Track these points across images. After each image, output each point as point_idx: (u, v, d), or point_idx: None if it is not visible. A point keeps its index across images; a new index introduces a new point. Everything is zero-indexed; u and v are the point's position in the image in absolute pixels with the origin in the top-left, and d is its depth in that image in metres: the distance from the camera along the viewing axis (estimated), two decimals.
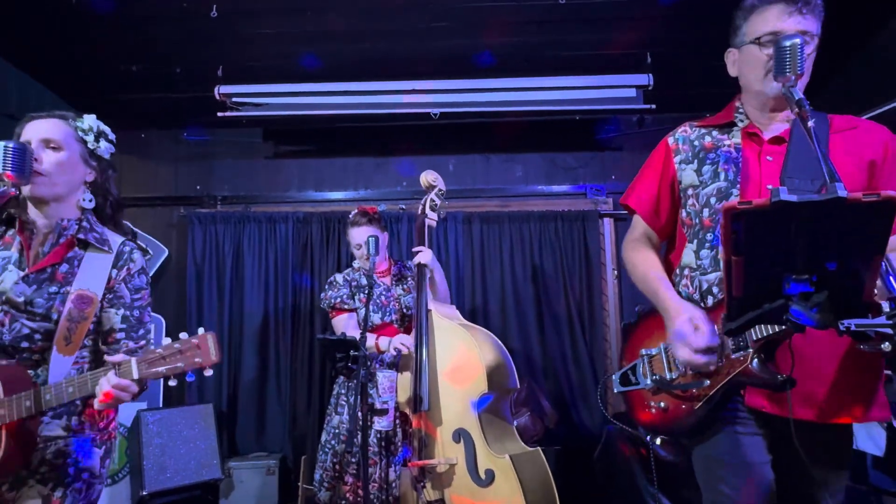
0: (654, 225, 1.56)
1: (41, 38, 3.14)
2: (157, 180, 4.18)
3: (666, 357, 1.37)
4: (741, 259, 0.84)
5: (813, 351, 1.24)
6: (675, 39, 3.28)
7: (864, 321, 0.81)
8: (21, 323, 1.37)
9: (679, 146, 1.51)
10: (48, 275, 1.40)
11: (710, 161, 1.43)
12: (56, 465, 1.35)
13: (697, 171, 1.45)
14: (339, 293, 2.71)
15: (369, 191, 4.20)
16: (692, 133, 1.51)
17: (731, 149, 1.42)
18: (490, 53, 3.41)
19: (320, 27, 3.12)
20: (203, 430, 3.57)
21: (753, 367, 1.21)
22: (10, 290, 1.38)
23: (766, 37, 1.34)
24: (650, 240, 1.58)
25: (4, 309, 1.37)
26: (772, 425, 1.28)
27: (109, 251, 1.46)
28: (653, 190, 1.54)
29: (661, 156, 1.54)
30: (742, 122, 1.45)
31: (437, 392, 2.37)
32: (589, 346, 3.88)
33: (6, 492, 1.32)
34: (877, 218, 0.74)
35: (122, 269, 1.45)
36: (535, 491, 2.20)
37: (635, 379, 1.43)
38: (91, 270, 1.41)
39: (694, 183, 1.45)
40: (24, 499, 1.32)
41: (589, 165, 4.19)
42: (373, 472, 2.49)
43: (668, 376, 1.33)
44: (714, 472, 1.33)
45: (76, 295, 1.36)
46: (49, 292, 1.39)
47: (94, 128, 1.51)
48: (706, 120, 1.53)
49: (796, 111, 1.12)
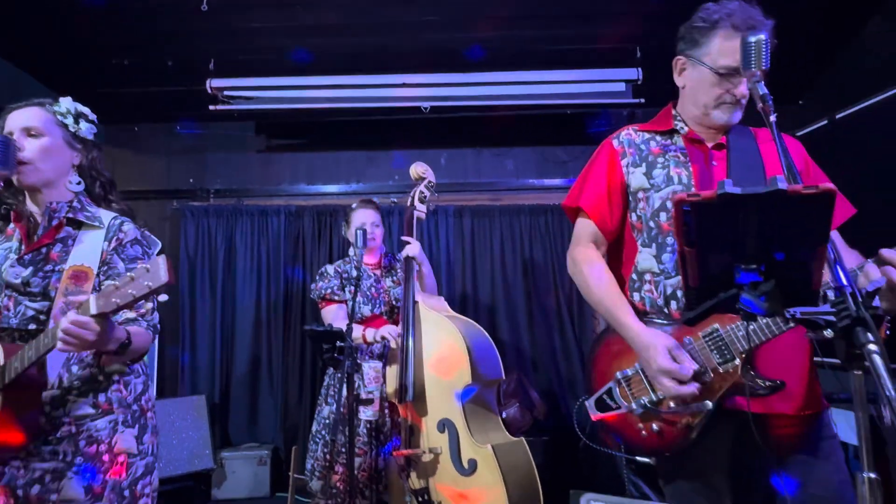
0: (605, 228, 1.49)
1: (34, 31, 3.16)
2: (150, 173, 4.21)
3: (646, 378, 1.36)
4: (694, 250, 0.87)
5: (783, 344, 1.27)
6: (665, 34, 3.26)
7: (809, 309, 0.84)
8: (25, 305, 1.40)
9: (625, 149, 1.50)
10: (43, 255, 1.43)
11: (660, 165, 1.45)
12: (90, 455, 1.37)
13: (647, 175, 1.45)
14: (330, 284, 2.74)
15: (361, 184, 4.23)
16: (636, 137, 1.51)
17: (677, 153, 1.45)
18: (481, 47, 3.43)
19: (311, 21, 3.14)
20: (195, 420, 3.61)
21: (744, 378, 1.24)
22: (7, 271, 1.41)
23: (725, 70, 1.36)
24: (598, 247, 1.52)
25: (8, 293, 1.41)
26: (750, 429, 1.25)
27: (101, 226, 1.47)
28: (602, 192, 1.49)
29: (607, 158, 1.51)
30: (682, 129, 1.48)
31: (422, 382, 2.40)
32: (578, 339, 3.92)
33: (49, 483, 1.34)
34: (817, 209, 0.77)
35: (112, 241, 1.46)
36: (517, 480, 2.24)
37: (615, 404, 1.39)
38: (84, 247, 1.43)
39: (644, 186, 1.45)
40: (66, 490, 1.34)
41: (580, 159, 4.21)
42: (362, 462, 2.53)
43: (653, 398, 1.33)
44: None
45: (72, 271, 1.38)
46: (44, 271, 1.41)
47: (71, 110, 1.52)
48: (646, 125, 1.54)
49: (761, 106, 1.14)
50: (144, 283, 1.13)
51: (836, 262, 0.85)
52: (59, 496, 1.34)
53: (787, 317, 0.84)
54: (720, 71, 1.37)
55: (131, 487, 1.42)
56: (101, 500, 1.37)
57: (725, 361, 1.27)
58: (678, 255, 0.90)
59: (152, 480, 1.49)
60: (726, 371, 1.26)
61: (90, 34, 3.21)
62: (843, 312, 0.80)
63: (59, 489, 1.35)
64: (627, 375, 1.39)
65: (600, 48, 3.43)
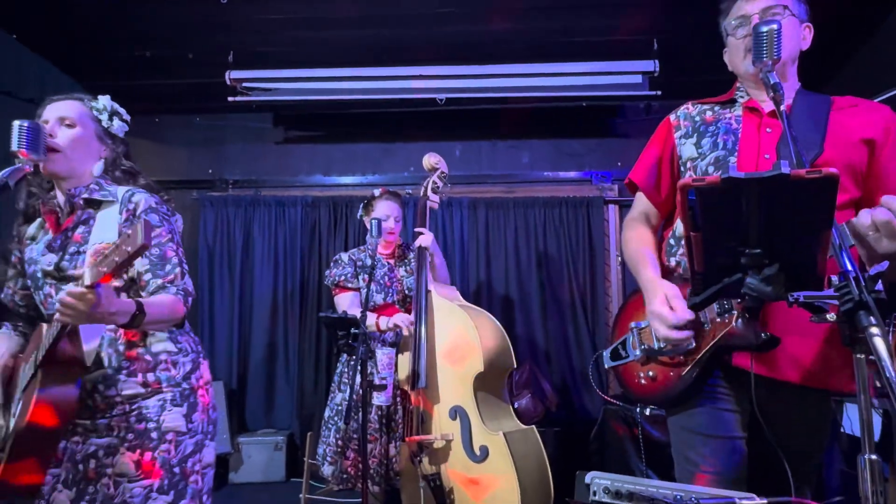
0: (655, 199, 1.56)
1: (60, 24, 3.23)
2: (171, 164, 4.29)
3: None
4: (699, 235, 0.88)
5: (799, 312, 1.26)
6: (681, 26, 3.27)
7: (812, 293, 0.85)
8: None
9: (680, 122, 1.53)
10: (69, 238, 1.49)
11: (709, 133, 1.46)
12: (140, 432, 1.43)
13: (696, 144, 1.47)
14: (344, 271, 2.78)
15: (377, 176, 4.26)
16: (693, 110, 1.53)
17: (731, 120, 1.45)
18: (497, 39, 3.44)
19: (329, 13, 3.17)
20: None
21: (738, 327, 1.24)
22: (41, 262, 1.47)
23: (734, 22, 1.39)
24: (649, 219, 1.59)
25: (49, 282, 1.47)
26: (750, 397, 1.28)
27: (115, 201, 1.51)
28: (653, 165, 1.55)
29: (663, 132, 1.57)
30: (742, 97, 1.49)
31: (434, 370, 2.44)
32: (591, 332, 3.92)
33: (103, 457, 1.41)
34: (820, 194, 0.78)
35: (123, 213, 1.49)
36: (528, 467, 2.27)
37: (625, 353, 1.45)
38: (103, 224, 1.47)
39: (692, 156, 1.47)
40: (119, 465, 1.41)
41: (595, 152, 4.21)
42: (373, 448, 2.58)
43: (656, 345, 1.36)
44: (686, 441, 1.39)
45: (94, 250, 1.42)
46: (70, 253, 1.47)
47: (107, 107, 1.58)
48: (709, 99, 1.55)
49: (772, 95, 1.15)
50: (125, 248, 1.13)
51: (841, 247, 0.86)
52: (113, 470, 1.41)
53: (791, 301, 0.85)
54: (732, 26, 1.40)
55: (181, 465, 1.46)
56: (151, 475, 1.42)
57: (723, 312, 1.28)
58: (685, 241, 0.92)
59: (202, 457, 1.52)
60: (723, 320, 1.28)
61: (114, 27, 3.28)
62: (846, 296, 0.81)
63: (113, 464, 1.41)
64: (641, 327, 1.43)
65: (616, 40, 3.42)
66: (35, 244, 1.54)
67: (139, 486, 1.40)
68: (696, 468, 1.34)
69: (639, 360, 1.43)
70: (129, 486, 1.40)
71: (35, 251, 1.52)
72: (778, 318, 1.28)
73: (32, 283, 1.52)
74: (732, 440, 1.34)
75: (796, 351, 1.29)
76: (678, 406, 1.42)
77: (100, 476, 1.41)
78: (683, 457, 1.40)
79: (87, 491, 1.40)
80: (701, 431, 1.37)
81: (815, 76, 3.66)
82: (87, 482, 1.41)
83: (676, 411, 1.43)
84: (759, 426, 1.28)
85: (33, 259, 1.52)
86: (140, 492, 1.40)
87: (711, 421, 1.36)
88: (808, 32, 1.44)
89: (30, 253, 1.53)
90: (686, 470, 1.38)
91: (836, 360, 1.30)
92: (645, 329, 1.43)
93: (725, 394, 1.37)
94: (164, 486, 1.43)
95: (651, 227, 1.59)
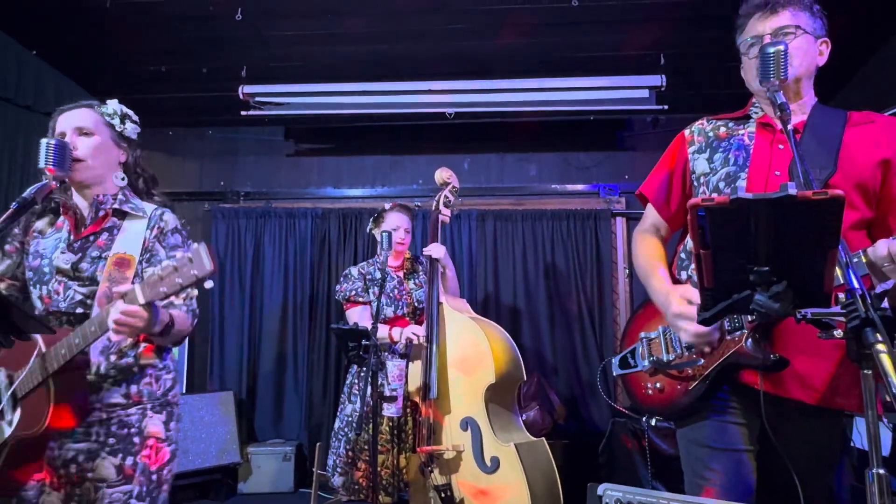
0: (664, 213, 1.57)
1: (78, 40, 3.32)
2: (184, 176, 4.36)
3: (664, 339, 1.42)
4: (709, 252, 0.91)
5: (809, 332, 1.26)
6: (689, 41, 3.31)
7: (820, 310, 0.87)
8: (73, 290, 1.50)
9: (694, 137, 1.55)
10: (90, 243, 1.54)
11: (721, 149, 1.47)
12: (122, 437, 1.46)
13: (709, 160, 1.48)
14: (354, 286, 2.81)
15: (386, 188, 4.31)
16: (708, 125, 1.55)
17: (744, 137, 1.46)
18: (505, 54, 3.49)
19: (339, 29, 3.24)
20: (223, 416, 3.72)
21: (747, 347, 1.25)
22: (58, 258, 1.52)
23: (749, 40, 1.42)
24: (659, 231, 1.60)
25: (58, 279, 1.51)
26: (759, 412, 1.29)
27: (144, 216, 1.57)
28: (664, 179, 1.56)
29: (676, 147, 1.58)
30: (757, 113, 1.50)
31: (445, 382, 2.46)
32: (599, 344, 3.93)
33: (83, 462, 1.43)
34: (827, 214, 0.81)
35: (153, 229, 1.55)
36: (538, 478, 2.28)
37: (634, 362, 1.47)
38: (128, 235, 1.53)
39: (705, 171, 1.48)
40: (99, 469, 1.43)
41: (602, 165, 4.24)
42: (384, 459, 2.59)
43: (665, 358, 1.38)
44: (696, 454, 1.39)
45: (116, 258, 1.48)
46: (91, 257, 1.51)
47: (118, 111, 1.62)
48: (724, 115, 1.57)
49: (778, 115, 1.17)
50: (191, 272, 1.18)
51: (848, 265, 0.88)
52: (94, 475, 1.43)
53: (799, 318, 0.87)
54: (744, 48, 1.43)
55: (158, 472, 1.50)
56: (132, 481, 1.45)
57: (734, 329, 1.28)
58: (694, 258, 0.94)
59: (173, 468, 1.56)
60: (732, 338, 1.28)
61: (130, 42, 3.36)
62: (852, 313, 0.83)
63: (94, 468, 1.43)
64: (650, 337, 1.45)
65: (624, 55, 3.46)
66: (43, 238, 1.57)
67: (119, 491, 1.43)
68: (705, 481, 1.35)
69: (647, 371, 1.44)
70: (108, 491, 1.42)
71: (43, 246, 1.56)
72: (787, 337, 1.29)
73: (36, 276, 1.54)
74: (739, 453, 1.35)
75: (805, 370, 1.30)
76: (685, 419, 1.43)
77: (82, 480, 1.43)
78: (692, 469, 1.41)
79: (74, 494, 1.43)
80: (708, 444, 1.38)
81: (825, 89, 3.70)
82: (72, 485, 1.43)
83: (684, 424, 1.44)
84: (770, 443, 1.29)
85: (40, 253, 1.55)
86: (119, 497, 1.43)
87: (719, 434, 1.37)
88: (826, 48, 1.44)
89: (35, 246, 1.57)
90: (694, 483, 1.38)
91: (846, 380, 1.30)
92: (654, 340, 1.44)
93: (733, 408, 1.38)
94: (143, 493, 1.45)
95: (661, 238, 1.60)
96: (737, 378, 1.35)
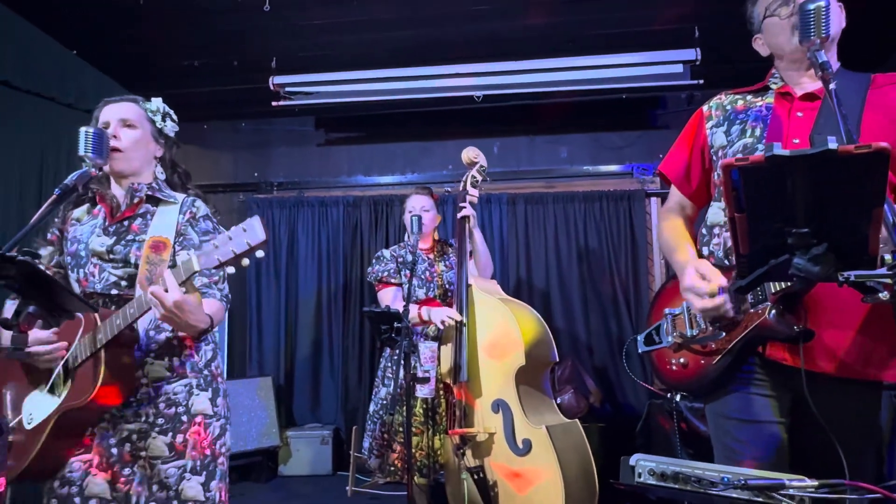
0: (686, 191, 1.56)
1: (114, 39, 3.42)
2: (218, 168, 4.46)
3: (688, 315, 1.39)
4: (744, 216, 0.87)
5: (836, 303, 1.23)
6: (723, 12, 3.18)
7: (864, 272, 0.82)
8: (108, 272, 1.56)
9: (712, 112, 1.52)
10: (125, 227, 1.60)
11: (739, 121, 1.44)
12: (170, 416, 1.52)
13: (727, 133, 1.46)
14: (386, 267, 2.84)
15: (416, 175, 4.31)
16: (725, 99, 1.52)
17: (761, 108, 1.42)
18: (532, 34, 3.43)
19: (366, 16, 3.24)
20: (263, 400, 3.82)
21: (771, 319, 1.22)
22: (94, 241, 1.58)
23: (774, 3, 1.36)
24: (683, 209, 1.59)
25: (94, 262, 1.58)
26: (790, 385, 1.28)
27: (176, 202, 1.64)
28: (683, 155, 1.54)
29: (695, 123, 1.55)
30: (776, 84, 1.46)
31: (476, 364, 2.46)
32: (635, 327, 3.87)
33: (136, 441, 1.50)
34: (870, 170, 0.76)
35: (185, 214, 1.61)
36: (571, 460, 2.26)
37: (659, 339, 1.45)
38: (162, 220, 1.59)
39: (723, 144, 1.45)
40: (152, 448, 1.50)
41: (636, 144, 4.14)
42: (419, 441, 2.62)
43: (689, 333, 1.36)
44: (723, 427, 1.37)
45: (152, 241, 1.53)
46: (126, 240, 1.57)
47: (160, 109, 1.69)
48: (743, 88, 1.53)
49: (820, 74, 1.12)
50: (244, 240, 1.23)
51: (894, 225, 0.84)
52: (147, 453, 1.49)
53: (841, 280, 0.83)
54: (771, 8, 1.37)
55: (210, 446, 1.55)
56: (184, 457, 1.51)
57: (757, 302, 1.25)
58: (728, 222, 0.91)
59: (226, 441, 1.62)
60: (756, 311, 1.26)
61: (163, 38, 3.44)
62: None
63: (147, 447, 1.50)
64: (675, 313, 1.43)
65: (656, 29, 3.35)
66: (80, 225, 1.64)
67: (173, 466, 1.49)
68: (734, 454, 1.33)
69: (671, 347, 1.43)
70: (163, 467, 1.48)
71: (80, 232, 1.62)
72: (814, 310, 1.25)
73: (73, 261, 1.60)
74: (769, 424, 1.32)
75: (832, 342, 1.26)
76: (712, 394, 1.41)
77: (135, 459, 1.49)
78: (721, 443, 1.39)
79: (122, 473, 1.48)
80: (735, 416, 1.36)
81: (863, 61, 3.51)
82: (122, 464, 1.49)
83: (711, 399, 1.42)
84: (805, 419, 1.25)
85: (77, 238, 1.61)
86: (174, 472, 1.48)
87: (745, 405, 1.35)
88: (842, 11, 1.39)
89: (74, 232, 1.63)
90: (724, 456, 1.36)
91: (880, 351, 1.25)
92: (679, 316, 1.42)
93: (761, 380, 1.35)
94: (197, 467, 1.51)
95: (686, 217, 1.58)
96: (762, 352, 1.32)
